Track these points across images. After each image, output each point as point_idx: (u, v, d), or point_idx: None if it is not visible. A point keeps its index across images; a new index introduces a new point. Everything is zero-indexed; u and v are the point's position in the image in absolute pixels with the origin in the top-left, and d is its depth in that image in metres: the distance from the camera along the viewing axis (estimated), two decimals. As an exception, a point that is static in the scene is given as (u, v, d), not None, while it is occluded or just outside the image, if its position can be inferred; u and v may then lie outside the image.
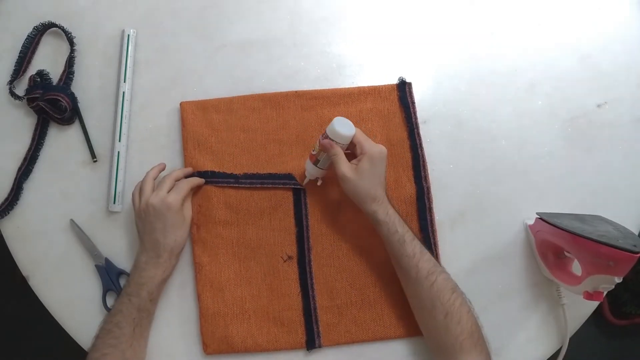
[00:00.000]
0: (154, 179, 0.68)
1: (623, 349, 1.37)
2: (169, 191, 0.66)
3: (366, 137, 0.65)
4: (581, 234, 0.57)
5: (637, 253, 0.53)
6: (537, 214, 0.67)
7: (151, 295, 0.65)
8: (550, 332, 0.69)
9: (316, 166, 0.67)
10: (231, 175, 0.72)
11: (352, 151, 0.67)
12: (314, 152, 0.67)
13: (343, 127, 0.64)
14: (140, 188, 0.67)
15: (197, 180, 0.70)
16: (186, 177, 0.71)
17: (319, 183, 0.70)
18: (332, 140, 0.64)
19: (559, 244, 0.64)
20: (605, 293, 0.58)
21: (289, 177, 0.72)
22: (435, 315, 0.60)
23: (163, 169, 0.71)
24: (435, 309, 0.60)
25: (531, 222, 0.70)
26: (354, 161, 0.65)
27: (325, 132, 0.65)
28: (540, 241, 0.68)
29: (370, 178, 0.64)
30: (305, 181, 0.70)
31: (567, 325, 0.68)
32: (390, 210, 0.64)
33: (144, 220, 0.66)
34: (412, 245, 0.62)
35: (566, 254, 0.66)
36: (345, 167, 0.64)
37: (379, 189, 0.64)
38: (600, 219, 0.64)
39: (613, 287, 0.57)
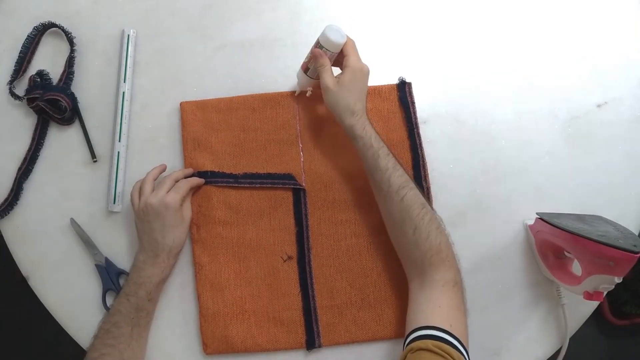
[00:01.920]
0: (154, 180, 0.68)
1: (623, 349, 1.37)
2: (168, 191, 0.67)
3: (355, 52, 0.67)
4: (581, 234, 0.57)
5: (637, 253, 0.53)
6: (537, 214, 0.67)
7: (149, 295, 0.65)
8: (550, 332, 0.69)
9: (306, 74, 0.69)
10: (231, 175, 0.72)
11: (341, 61, 0.68)
12: (305, 60, 0.69)
13: (334, 33, 0.65)
14: (139, 188, 0.68)
15: (196, 181, 0.70)
16: (186, 177, 0.71)
17: (308, 94, 0.72)
18: (323, 48, 0.66)
19: (559, 244, 0.64)
20: (605, 293, 0.58)
21: (288, 177, 0.72)
22: (405, 230, 0.61)
23: (164, 170, 0.71)
24: (405, 224, 0.61)
25: (531, 222, 0.70)
26: (337, 75, 0.67)
27: (318, 39, 0.67)
28: (540, 241, 0.68)
29: (350, 91, 0.65)
30: (297, 92, 0.73)
31: (567, 325, 0.68)
32: (367, 127, 0.65)
33: (142, 220, 0.66)
34: (386, 160, 0.63)
35: (566, 254, 0.66)
36: (329, 78, 0.66)
37: (358, 103, 0.66)
38: (600, 219, 0.64)
39: (613, 287, 0.57)
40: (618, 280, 0.56)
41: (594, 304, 0.69)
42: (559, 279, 0.65)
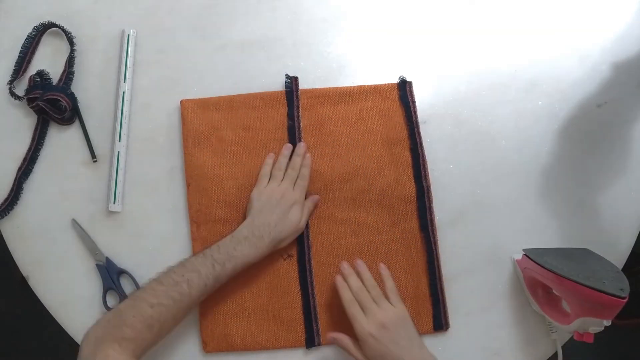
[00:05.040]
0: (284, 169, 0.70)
1: (623, 349, 1.37)
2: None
3: (358, 316, 0.61)
4: (567, 277, 0.55)
5: (624, 298, 0.52)
6: (524, 250, 0.65)
7: (234, 271, 0.63)
8: (550, 332, 0.69)
9: None
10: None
11: None
12: None
13: None
14: (272, 171, 0.70)
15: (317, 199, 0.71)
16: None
17: None
18: None
19: (546, 283, 0.62)
20: (594, 334, 0.57)
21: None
22: None
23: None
24: None
25: (519, 256, 0.67)
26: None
27: None
28: (528, 278, 0.66)
29: (378, 351, 0.59)
30: None
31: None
32: None
33: (265, 202, 0.67)
34: None
35: (555, 292, 0.64)
36: (355, 352, 0.61)
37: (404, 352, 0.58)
38: (588, 254, 0.63)
39: (602, 328, 0.56)
40: (607, 323, 0.55)
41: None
42: (550, 315, 0.63)
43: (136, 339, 0.57)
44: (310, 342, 0.68)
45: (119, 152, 0.74)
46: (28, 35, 0.78)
